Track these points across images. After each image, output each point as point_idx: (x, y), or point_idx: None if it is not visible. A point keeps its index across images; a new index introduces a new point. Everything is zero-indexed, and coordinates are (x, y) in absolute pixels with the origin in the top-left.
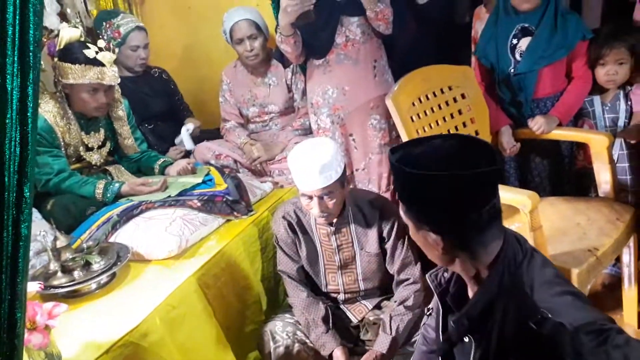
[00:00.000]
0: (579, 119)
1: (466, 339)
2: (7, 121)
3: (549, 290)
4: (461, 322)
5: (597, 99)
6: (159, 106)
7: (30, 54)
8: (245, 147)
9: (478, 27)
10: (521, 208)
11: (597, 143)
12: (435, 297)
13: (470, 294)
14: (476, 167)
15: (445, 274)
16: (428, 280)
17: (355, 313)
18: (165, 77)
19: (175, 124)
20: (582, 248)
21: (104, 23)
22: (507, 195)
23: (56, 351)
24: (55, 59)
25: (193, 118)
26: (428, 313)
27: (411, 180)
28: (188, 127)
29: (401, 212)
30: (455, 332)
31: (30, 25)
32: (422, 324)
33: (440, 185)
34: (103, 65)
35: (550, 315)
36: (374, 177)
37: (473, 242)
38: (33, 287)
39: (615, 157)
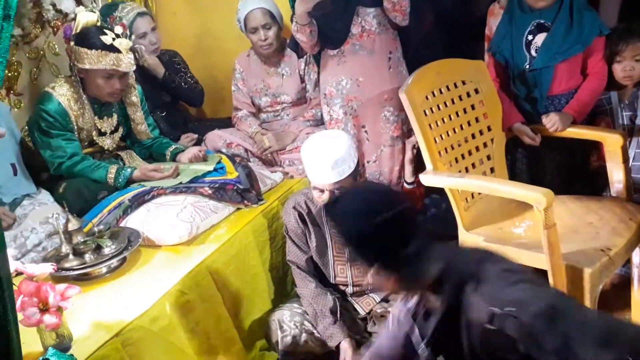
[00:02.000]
0: (596, 116)
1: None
2: None
3: (494, 289)
4: (432, 343)
5: (614, 96)
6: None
7: None
8: (257, 137)
9: (492, 23)
10: (535, 205)
11: (611, 142)
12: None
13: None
14: (381, 215)
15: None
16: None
17: (363, 305)
18: (176, 59)
19: (186, 113)
20: (595, 247)
21: (108, 19)
22: (521, 192)
23: (67, 332)
24: (72, 43)
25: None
26: None
27: (345, 234)
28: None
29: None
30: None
31: None
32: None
33: (362, 233)
34: (119, 51)
35: (497, 311)
36: (385, 170)
37: (411, 275)
38: (46, 269)
39: (631, 156)
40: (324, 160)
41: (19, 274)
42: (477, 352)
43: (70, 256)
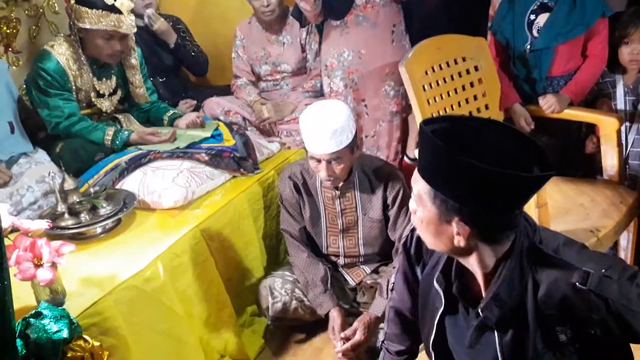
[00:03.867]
0: (599, 98)
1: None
2: None
3: (572, 252)
4: (490, 308)
5: (619, 80)
6: (173, 58)
7: None
8: (255, 106)
9: (496, 2)
10: None
11: (606, 125)
12: (429, 291)
13: (483, 289)
14: (529, 167)
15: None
16: (437, 285)
17: (353, 276)
18: (179, 26)
19: (186, 80)
20: (584, 228)
21: None
22: None
23: (61, 288)
24: (72, 1)
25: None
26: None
27: (460, 169)
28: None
29: (425, 197)
30: (483, 322)
31: None
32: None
33: (496, 182)
34: (121, 12)
35: (592, 271)
36: (383, 145)
37: (501, 235)
38: (42, 225)
39: (630, 141)
40: (322, 130)
41: (14, 230)
42: (547, 312)
43: (66, 215)
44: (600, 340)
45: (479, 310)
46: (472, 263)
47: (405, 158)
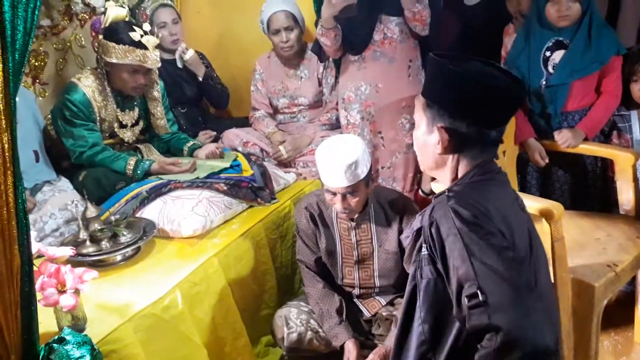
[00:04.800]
0: (613, 131)
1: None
2: None
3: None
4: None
5: (634, 115)
6: (194, 90)
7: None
8: (273, 137)
9: (507, 43)
10: (545, 218)
11: (622, 160)
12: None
13: None
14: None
15: None
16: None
17: (368, 307)
18: (204, 62)
19: (206, 112)
20: (601, 263)
21: (136, 12)
22: (531, 203)
23: (82, 314)
24: (100, 37)
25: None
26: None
27: (458, 76)
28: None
29: (420, 112)
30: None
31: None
32: None
33: (489, 89)
34: (146, 48)
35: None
36: (399, 176)
37: (472, 149)
38: (66, 252)
39: None
40: (337, 164)
41: (39, 256)
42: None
43: (87, 242)
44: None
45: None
46: (444, 174)
47: (420, 192)
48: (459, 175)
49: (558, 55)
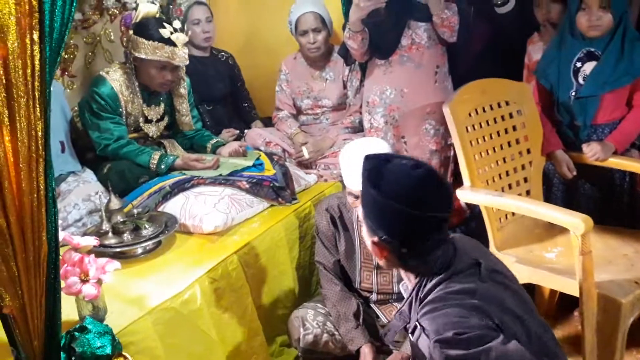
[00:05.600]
0: None
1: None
2: None
3: (431, 306)
4: (396, 318)
5: None
6: (221, 90)
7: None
8: (296, 138)
9: (531, 52)
10: (573, 230)
11: None
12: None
13: None
14: (432, 208)
15: None
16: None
17: (386, 313)
18: (232, 63)
19: (233, 109)
20: (628, 279)
21: (170, 7)
22: (560, 216)
23: (103, 305)
24: (130, 32)
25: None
26: None
27: (374, 200)
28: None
29: (359, 213)
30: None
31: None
32: None
33: (396, 215)
34: (175, 45)
35: (422, 325)
36: None
37: (411, 261)
38: (90, 242)
39: None
40: (360, 167)
41: (63, 245)
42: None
43: (110, 234)
44: None
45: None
46: (406, 279)
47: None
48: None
49: (589, 67)
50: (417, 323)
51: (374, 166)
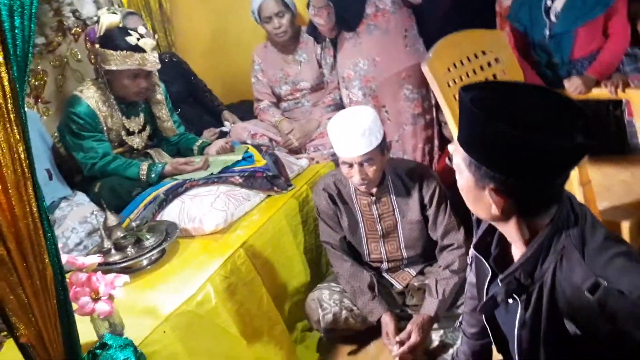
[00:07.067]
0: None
1: (511, 300)
2: None
3: (600, 257)
4: (509, 280)
5: None
6: (180, 91)
7: None
8: (281, 125)
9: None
10: None
11: (638, 99)
12: (479, 262)
13: (516, 255)
14: (570, 135)
15: (488, 238)
16: (473, 252)
17: (399, 280)
18: (175, 60)
19: (199, 107)
20: (630, 202)
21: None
22: None
23: (119, 320)
24: (97, 46)
25: (228, 113)
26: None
27: (497, 136)
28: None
29: (462, 164)
30: (502, 292)
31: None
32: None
33: (532, 150)
34: (144, 51)
35: (605, 283)
36: (409, 148)
37: (537, 206)
38: (94, 260)
39: None
40: (351, 133)
41: (67, 271)
42: (559, 306)
43: (112, 251)
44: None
45: (499, 281)
46: (510, 231)
47: (447, 160)
48: (531, 235)
49: (560, 3)
50: (594, 277)
51: (484, 95)
